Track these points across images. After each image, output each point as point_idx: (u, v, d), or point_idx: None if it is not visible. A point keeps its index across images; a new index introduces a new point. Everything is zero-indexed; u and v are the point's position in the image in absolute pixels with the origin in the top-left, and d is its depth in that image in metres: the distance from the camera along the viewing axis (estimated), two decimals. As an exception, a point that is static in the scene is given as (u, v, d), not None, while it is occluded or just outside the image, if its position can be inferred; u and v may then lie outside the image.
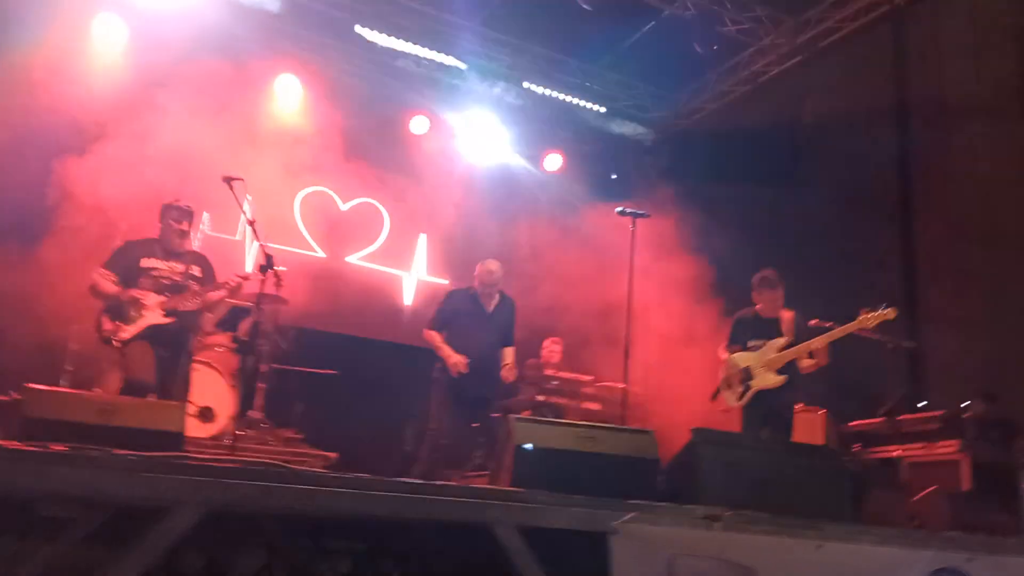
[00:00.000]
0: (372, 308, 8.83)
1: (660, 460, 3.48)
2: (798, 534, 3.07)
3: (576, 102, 9.52)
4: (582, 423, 3.52)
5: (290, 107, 8.38)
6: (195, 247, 5.70)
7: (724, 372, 5.64)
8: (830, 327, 5.37)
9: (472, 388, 5.70)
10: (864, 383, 6.84)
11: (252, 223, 4.98)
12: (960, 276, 7.18)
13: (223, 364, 6.50)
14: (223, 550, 3.73)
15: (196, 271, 5.15)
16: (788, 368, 5.42)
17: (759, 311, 5.65)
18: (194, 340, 5.34)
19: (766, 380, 5.42)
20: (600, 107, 9.66)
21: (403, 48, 8.46)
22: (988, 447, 5.84)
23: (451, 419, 5.77)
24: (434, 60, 8.66)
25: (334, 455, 6.38)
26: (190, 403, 5.54)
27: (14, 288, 6.14)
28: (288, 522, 3.55)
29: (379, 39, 8.37)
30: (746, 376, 5.48)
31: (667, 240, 7.93)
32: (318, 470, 4.83)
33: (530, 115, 9.67)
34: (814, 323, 5.56)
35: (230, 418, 6.14)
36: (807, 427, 6.57)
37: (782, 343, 5.44)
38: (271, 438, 6.55)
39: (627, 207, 5.69)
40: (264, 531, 3.67)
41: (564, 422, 3.59)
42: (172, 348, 4.99)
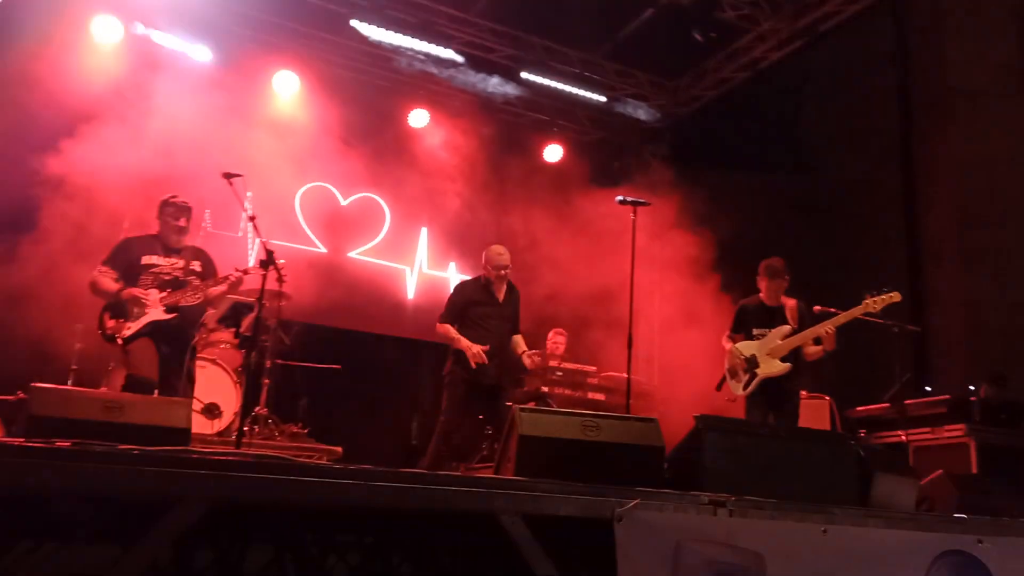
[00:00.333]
0: (374, 303, 8.83)
1: (665, 448, 3.46)
2: (804, 518, 3.07)
3: (575, 92, 9.48)
4: (586, 412, 3.50)
5: (288, 103, 8.37)
6: (196, 243, 5.69)
7: (729, 361, 5.62)
8: (835, 313, 5.36)
9: (491, 377, 5.68)
10: (869, 368, 6.84)
11: (253, 219, 4.97)
12: (964, 258, 7.17)
13: (227, 360, 6.53)
14: (232, 545, 3.74)
15: (196, 266, 5.15)
16: (793, 355, 5.41)
17: (763, 299, 5.62)
18: (197, 335, 5.33)
19: (771, 368, 5.40)
20: (600, 96, 9.63)
21: (400, 42, 8.44)
22: (996, 430, 5.83)
23: (463, 413, 5.75)
24: (432, 53, 8.64)
25: (339, 449, 6.40)
26: (196, 399, 5.56)
27: (18, 288, 6.16)
28: (297, 516, 3.55)
29: (376, 33, 8.35)
30: (751, 364, 5.46)
31: (669, 228, 7.92)
32: (323, 463, 4.83)
33: (529, 106, 9.65)
34: (818, 309, 5.55)
35: (235, 414, 6.15)
36: (812, 414, 6.57)
37: (786, 330, 5.43)
38: (277, 433, 6.58)
39: (628, 196, 5.66)
40: (273, 526, 3.68)
41: (568, 411, 3.57)
42: (175, 344, 4.99)
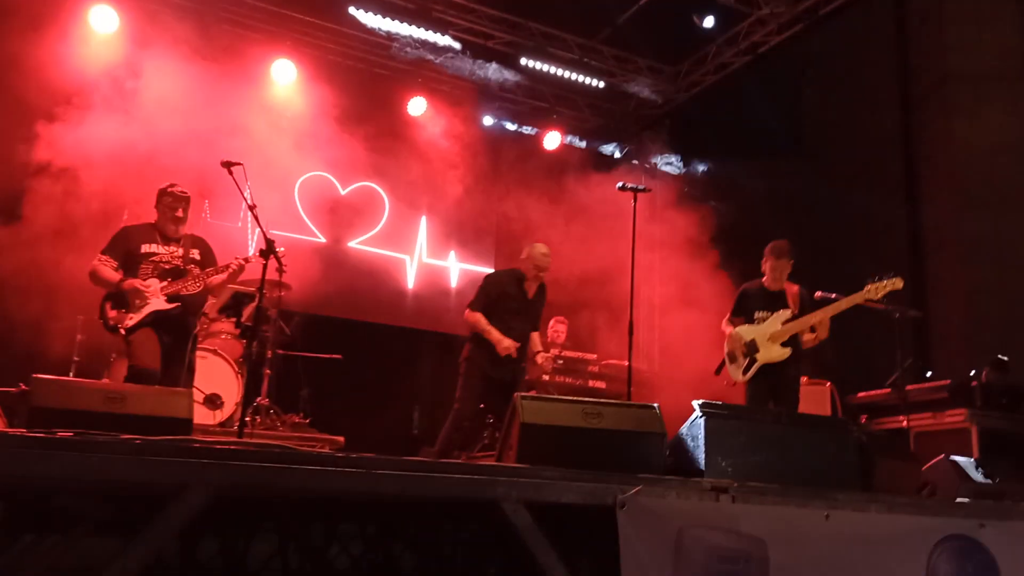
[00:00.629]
0: (375, 292, 8.83)
1: (666, 434, 3.46)
2: (807, 504, 3.07)
3: (574, 78, 9.45)
4: (588, 399, 3.50)
5: (286, 92, 8.34)
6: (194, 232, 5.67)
7: (728, 346, 5.60)
8: (835, 299, 5.34)
9: (505, 371, 5.67)
10: (870, 354, 6.83)
11: (253, 208, 4.94)
12: (966, 244, 7.15)
13: (229, 351, 6.52)
14: (236, 536, 3.75)
15: (195, 254, 5.13)
16: (793, 341, 5.40)
17: (765, 283, 5.60)
18: (198, 325, 5.32)
19: (771, 353, 5.38)
20: (599, 82, 9.59)
21: (398, 29, 8.40)
22: (997, 415, 5.84)
23: (478, 402, 5.74)
24: (429, 40, 8.60)
25: (341, 439, 6.40)
26: (197, 390, 5.55)
27: (17, 279, 6.16)
28: (300, 506, 3.56)
29: (373, 21, 8.30)
30: (751, 349, 5.45)
31: (670, 214, 7.91)
32: (326, 452, 4.84)
33: (528, 93, 9.61)
34: (819, 295, 5.53)
35: (237, 404, 6.15)
36: (813, 399, 6.57)
37: (787, 315, 5.41)
38: (279, 423, 6.58)
39: (628, 182, 5.64)
40: (276, 516, 3.69)
41: (570, 399, 3.56)
42: (176, 334, 4.97)
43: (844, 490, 3.29)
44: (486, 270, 9.14)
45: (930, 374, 6.65)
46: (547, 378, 7.18)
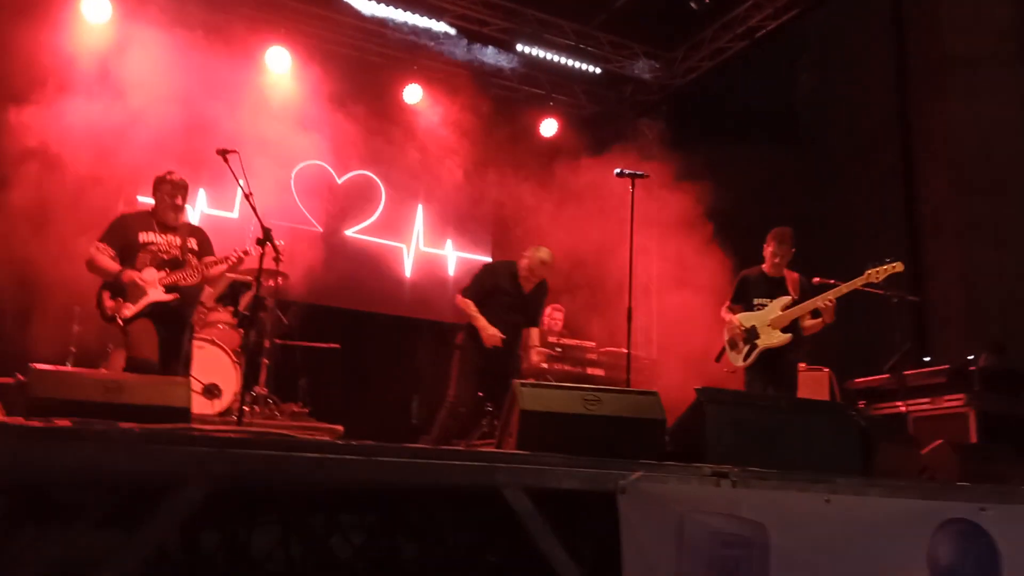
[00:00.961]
0: (372, 281, 8.81)
1: (666, 421, 3.46)
2: (807, 488, 3.07)
3: (570, 64, 9.40)
4: (587, 386, 3.49)
5: (281, 79, 8.27)
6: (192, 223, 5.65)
7: (728, 332, 5.60)
8: (834, 285, 5.33)
9: (496, 363, 5.66)
10: (868, 340, 6.84)
11: (249, 196, 4.91)
12: (963, 228, 7.15)
13: (226, 340, 6.50)
14: (238, 527, 3.75)
15: (193, 244, 5.09)
16: (793, 327, 5.39)
17: (765, 269, 5.59)
18: (195, 315, 5.29)
19: (771, 339, 5.37)
20: (595, 68, 9.54)
21: (393, 15, 8.33)
22: (996, 399, 5.84)
23: (472, 389, 5.74)
24: (425, 26, 8.54)
25: (340, 428, 6.40)
26: (195, 380, 5.53)
27: (13, 270, 6.13)
28: (301, 497, 3.55)
29: (368, 7, 8.24)
30: (751, 335, 5.45)
31: (667, 201, 7.88)
32: (326, 439, 4.83)
33: (524, 80, 9.56)
34: (817, 281, 5.52)
35: (235, 394, 6.14)
36: (812, 386, 6.58)
37: (787, 301, 5.40)
38: (277, 413, 6.58)
39: (625, 168, 5.61)
40: (279, 507, 3.68)
41: (569, 385, 3.56)
42: (174, 325, 4.94)
43: (844, 474, 3.28)
44: (483, 258, 9.12)
45: (928, 359, 6.67)
46: (546, 366, 7.18)
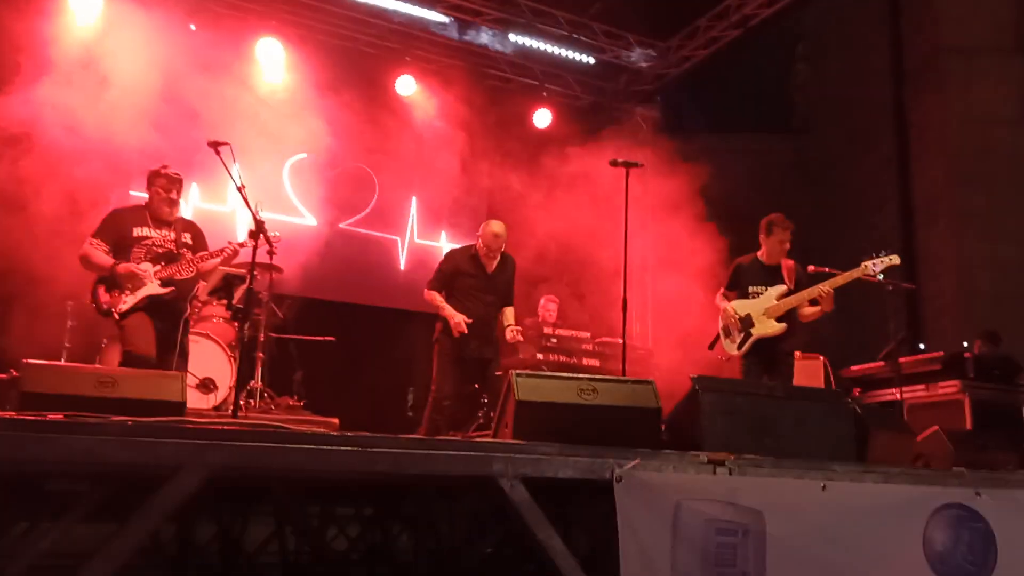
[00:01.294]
0: (367, 274, 8.79)
1: (662, 410, 3.45)
2: (803, 475, 3.07)
3: (564, 54, 9.37)
4: (583, 376, 3.48)
5: (272, 71, 8.22)
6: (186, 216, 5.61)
7: (723, 320, 5.59)
8: (830, 274, 5.33)
9: (473, 349, 5.66)
10: (862, 328, 6.85)
11: (241, 188, 4.88)
12: (958, 217, 7.16)
13: (221, 335, 6.48)
14: (233, 520, 3.75)
15: (188, 238, 5.08)
16: (788, 315, 5.39)
17: (760, 257, 5.58)
18: (189, 309, 5.27)
19: (766, 328, 5.37)
20: (589, 58, 9.52)
21: (386, 4, 8.29)
22: (989, 386, 5.87)
23: (453, 381, 5.74)
24: (417, 16, 8.50)
25: (336, 421, 6.39)
26: (191, 374, 5.52)
27: (3, 266, 6.09)
28: (296, 490, 3.55)
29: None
30: (746, 324, 5.44)
31: (662, 190, 7.88)
32: (320, 431, 4.83)
33: (518, 71, 9.53)
34: (812, 270, 5.52)
35: (231, 388, 6.13)
36: (807, 374, 6.59)
37: (783, 290, 5.39)
38: (273, 407, 6.57)
39: (620, 157, 5.59)
40: (273, 499, 3.68)
41: (565, 375, 3.55)
42: (169, 319, 4.93)
43: (840, 461, 3.29)
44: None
45: (923, 346, 6.68)
46: (541, 357, 7.17)
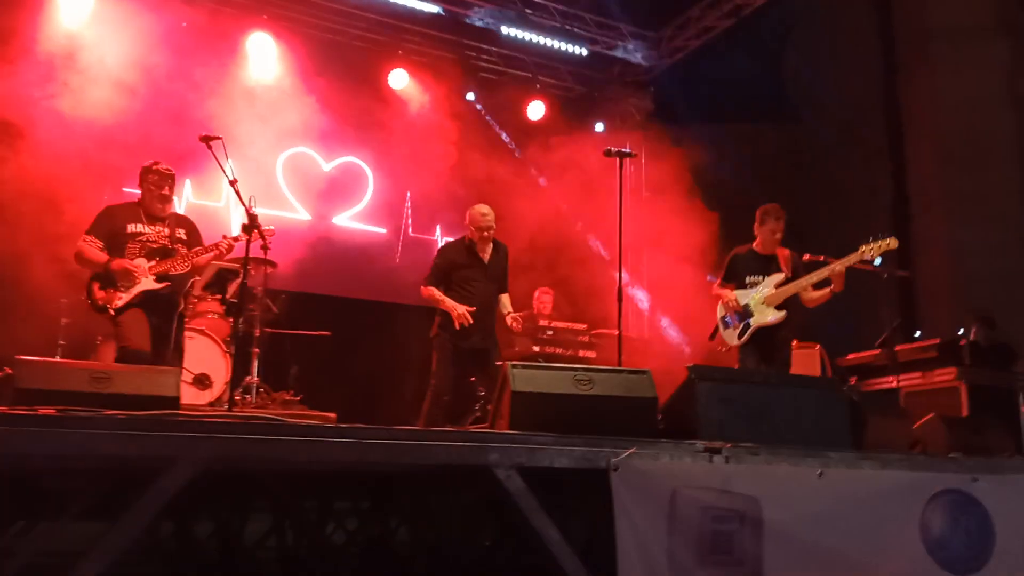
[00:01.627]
0: (361, 268, 8.77)
1: (658, 399, 3.45)
2: (800, 462, 3.07)
3: (557, 46, 9.35)
4: (579, 366, 3.48)
5: (263, 66, 8.18)
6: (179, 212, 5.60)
7: (722, 311, 5.59)
8: (824, 261, 5.33)
9: (473, 340, 5.64)
10: (858, 316, 6.86)
11: (234, 183, 4.86)
12: (951, 201, 7.16)
13: (216, 330, 6.46)
14: (232, 515, 3.74)
15: (182, 233, 5.06)
16: (786, 304, 5.39)
17: (756, 247, 5.58)
18: (184, 304, 5.25)
19: (766, 317, 5.36)
20: (581, 50, 9.50)
21: (377, -2, 8.26)
22: (986, 372, 5.87)
23: (452, 376, 5.72)
24: (409, 8, 8.46)
25: (333, 415, 6.37)
26: (185, 370, 5.50)
27: (1, 265, 6.07)
28: (293, 484, 3.54)
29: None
30: (745, 313, 5.44)
31: (656, 180, 7.87)
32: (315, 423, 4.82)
33: (511, 63, 9.50)
34: (807, 258, 5.51)
35: (226, 384, 6.11)
36: (803, 363, 6.60)
37: (781, 279, 5.38)
38: (269, 402, 6.55)
39: (614, 147, 5.58)
40: (271, 494, 3.67)
41: (561, 366, 3.54)
42: (164, 314, 4.91)
43: (836, 448, 3.29)
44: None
45: (918, 333, 6.69)
46: (537, 349, 7.16)
